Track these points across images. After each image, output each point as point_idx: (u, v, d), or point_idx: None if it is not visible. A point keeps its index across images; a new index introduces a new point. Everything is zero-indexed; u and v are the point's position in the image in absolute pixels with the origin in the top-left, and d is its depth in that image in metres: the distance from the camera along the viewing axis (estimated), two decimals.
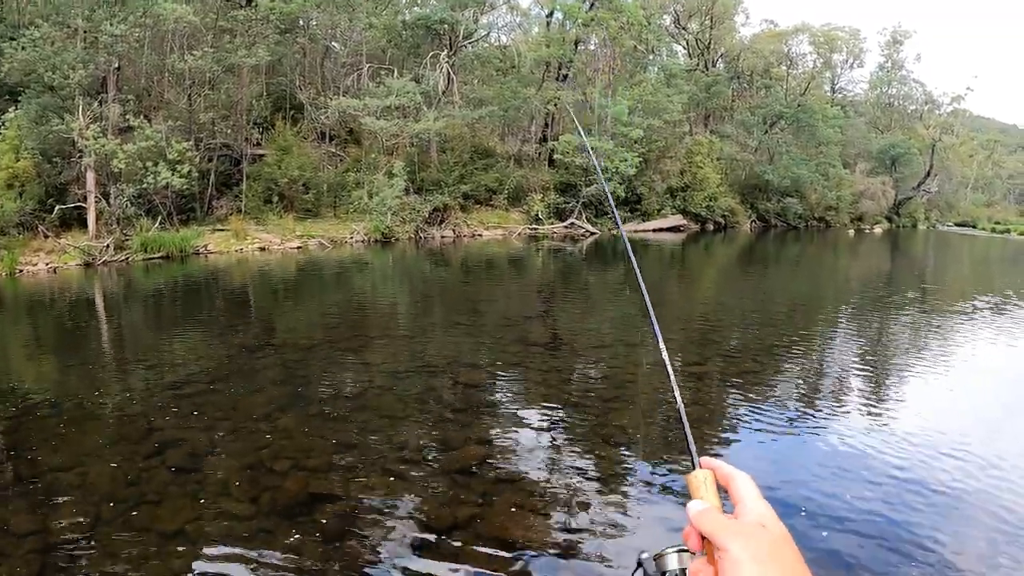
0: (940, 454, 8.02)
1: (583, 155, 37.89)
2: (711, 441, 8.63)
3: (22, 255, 23.42)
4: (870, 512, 6.71)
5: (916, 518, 6.61)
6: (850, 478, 7.45)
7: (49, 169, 25.76)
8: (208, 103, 31.62)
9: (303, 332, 15.12)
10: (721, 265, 30.30)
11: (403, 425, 8.94)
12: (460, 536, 6.33)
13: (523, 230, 38.57)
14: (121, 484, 7.20)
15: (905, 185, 59.33)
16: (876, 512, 6.71)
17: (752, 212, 48.91)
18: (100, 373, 11.76)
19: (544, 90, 41.51)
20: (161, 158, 26.38)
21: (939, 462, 7.82)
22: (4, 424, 9.12)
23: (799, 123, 49.62)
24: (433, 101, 36.94)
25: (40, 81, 24.98)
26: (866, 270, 28.85)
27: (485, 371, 11.73)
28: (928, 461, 7.85)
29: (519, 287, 22.57)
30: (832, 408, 9.79)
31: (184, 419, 9.11)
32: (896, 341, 14.67)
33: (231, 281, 22.92)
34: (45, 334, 15.71)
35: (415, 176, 35.23)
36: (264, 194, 31.95)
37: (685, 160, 45.07)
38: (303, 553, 6.07)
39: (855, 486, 7.26)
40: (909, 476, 7.46)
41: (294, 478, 7.35)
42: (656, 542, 3.43)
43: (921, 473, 7.55)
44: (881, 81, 66.66)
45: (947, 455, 8.00)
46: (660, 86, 44.02)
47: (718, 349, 13.58)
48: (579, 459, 7.92)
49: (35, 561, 5.86)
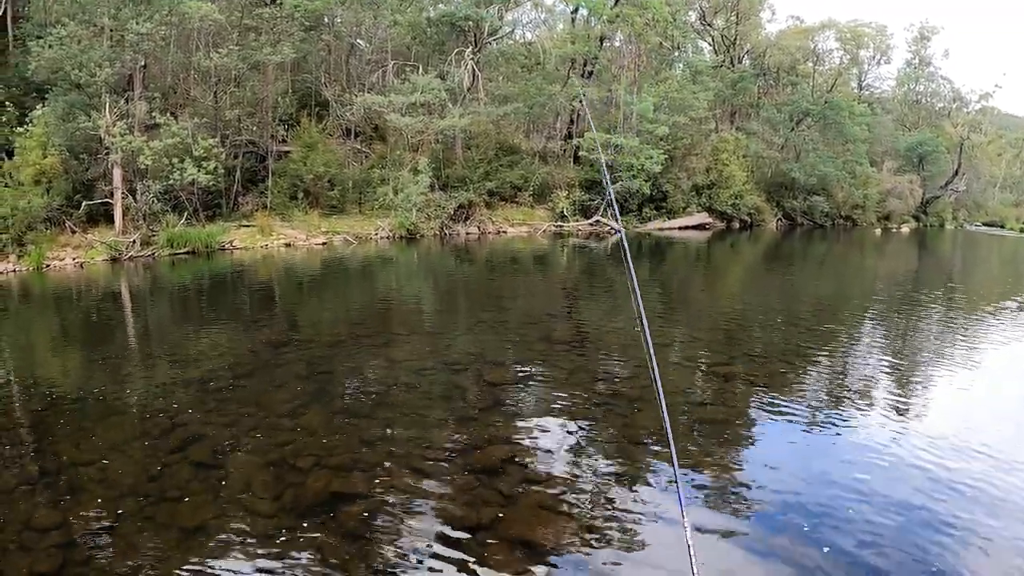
0: (967, 456, 7.81)
1: (608, 152, 37.66)
2: (738, 441, 8.48)
3: (49, 250, 23.58)
4: (897, 515, 6.54)
5: (943, 521, 6.44)
6: (877, 480, 7.27)
7: (76, 165, 25.92)
8: (234, 100, 31.69)
9: (328, 328, 15.08)
10: (747, 263, 29.98)
11: (428, 423, 8.84)
12: (484, 537, 6.22)
13: (548, 227, 38.35)
14: (143, 479, 7.16)
15: (932, 184, 58.47)
16: (903, 515, 6.54)
17: (778, 210, 48.35)
18: (124, 367, 11.76)
19: (569, 87, 41.20)
20: (187, 155, 26.48)
21: (966, 464, 7.61)
22: (28, 418, 9.14)
23: (826, 120, 48.98)
24: (458, 98, 36.83)
25: (67, 79, 25.13)
26: (893, 270, 28.42)
27: (510, 369, 11.61)
28: (955, 463, 7.65)
29: (544, 284, 22.43)
30: (859, 409, 9.55)
31: (207, 415, 9.07)
32: (923, 342, 14.36)
33: (256, 277, 22.96)
34: (71, 328, 15.78)
35: (440, 173, 35.13)
36: (290, 190, 32.00)
37: (711, 157, 44.59)
38: (325, 552, 5.99)
39: (882, 488, 7.08)
40: (936, 479, 7.28)
41: (317, 476, 7.27)
42: (682, 548, 3.25)
43: (948, 475, 7.35)
44: (908, 78, 65.71)
45: (974, 457, 7.80)
46: (686, 83, 43.60)
47: (744, 349, 13.36)
48: (605, 460, 7.78)
49: (57, 556, 5.82)
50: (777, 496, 7.02)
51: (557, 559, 5.91)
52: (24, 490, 6.96)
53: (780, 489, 7.17)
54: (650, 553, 6.04)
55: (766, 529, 6.40)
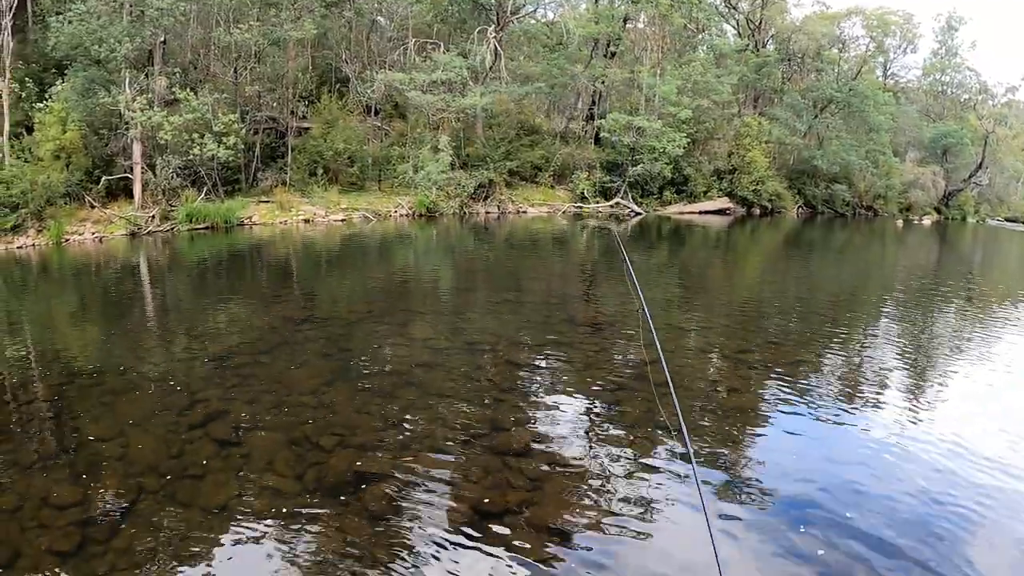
0: (980, 455, 7.56)
1: (630, 135, 37.26)
2: (748, 428, 8.32)
3: (69, 225, 23.60)
4: (905, 509, 6.40)
5: (959, 514, 6.29)
6: (887, 473, 7.10)
7: (96, 141, 25.92)
8: (254, 76, 31.55)
9: (347, 305, 14.97)
10: (767, 250, 29.61)
11: (450, 404, 8.70)
12: (509, 521, 6.09)
13: (568, 208, 38.10)
14: (163, 456, 7.06)
15: (955, 176, 57.42)
16: (911, 509, 6.39)
17: (799, 198, 47.71)
18: (144, 342, 11.69)
19: (592, 67, 40.84)
20: (207, 130, 26.44)
21: (978, 462, 7.39)
22: (48, 392, 9.07)
23: (850, 108, 48.15)
24: (480, 76, 36.53)
25: (87, 55, 25.09)
26: (913, 262, 27.90)
27: (533, 350, 11.45)
28: (967, 461, 7.43)
29: (564, 265, 22.24)
30: (873, 403, 9.30)
31: (228, 391, 8.98)
32: (941, 336, 13.97)
33: (275, 252, 22.90)
34: (90, 302, 15.76)
35: (460, 151, 34.92)
36: (309, 167, 31.88)
37: (733, 142, 44.04)
38: (348, 532, 5.87)
39: (892, 482, 6.92)
40: (946, 475, 7.10)
41: (340, 455, 7.15)
42: (704, 535, 3.00)
43: (959, 472, 7.17)
44: (934, 68, 64.34)
45: (987, 457, 7.57)
46: (709, 66, 43.05)
47: (763, 336, 13.09)
48: (631, 447, 7.60)
49: (75, 534, 5.72)
50: (794, 484, 6.89)
51: (581, 545, 5.76)
52: (43, 466, 6.87)
53: (797, 478, 7.04)
54: (673, 541, 5.90)
55: (784, 517, 6.27)
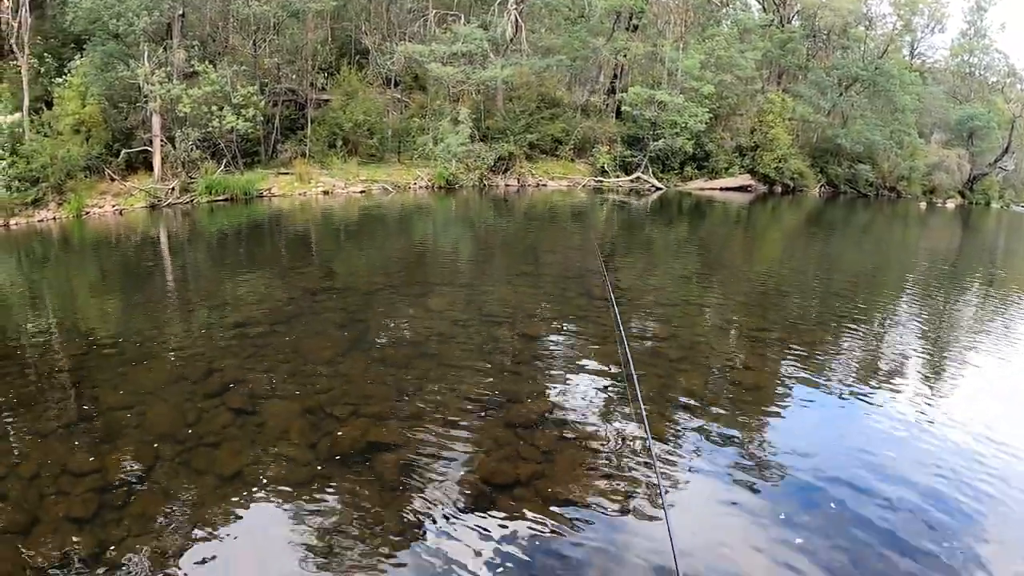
0: (995, 438, 7.49)
1: (652, 109, 36.89)
2: (764, 408, 8.28)
3: (89, 198, 23.71)
4: (913, 492, 6.36)
5: (958, 502, 6.25)
6: (898, 458, 7.04)
7: (115, 114, 25.98)
8: (273, 48, 31.48)
9: (365, 276, 15.00)
10: (788, 229, 29.26)
11: (465, 375, 8.72)
12: (519, 493, 6.11)
13: (588, 182, 37.84)
14: (180, 425, 7.13)
15: (981, 160, 56.18)
16: (919, 493, 6.35)
17: (822, 176, 46.95)
18: (162, 312, 11.79)
19: (614, 40, 40.39)
20: (226, 102, 26.42)
21: (994, 445, 7.34)
22: (68, 362, 9.18)
23: (875, 87, 47.15)
24: (500, 49, 36.25)
25: (105, 29, 25.09)
26: (936, 246, 27.37)
27: (549, 324, 11.45)
28: (982, 443, 7.37)
29: (582, 239, 22.11)
30: (889, 386, 9.16)
31: (245, 360, 9.05)
32: (960, 321, 13.70)
33: (294, 224, 22.97)
34: (110, 274, 15.88)
35: (480, 124, 34.71)
36: (328, 138, 31.84)
37: (756, 119, 43.37)
38: (361, 501, 5.92)
39: (903, 466, 6.87)
40: (961, 457, 7.05)
41: (353, 424, 7.19)
42: (718, 507, 2.97)
43: (973, 454, 7.12)
44: (962, 49, 62.97)
45: (1003, 440, 7.49)
46: (733, 41, 42.35)
47: (780, 315, 12.98)
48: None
49: (92, 500, 5.80)
50: (807, 463, 6.89)
51: (590, 519, 5.77)
52: (62, 434, 6.97)
53: (810, 456, 7.05)
54: (681, 518, 5.89)
55: (795, 496, 6.29)
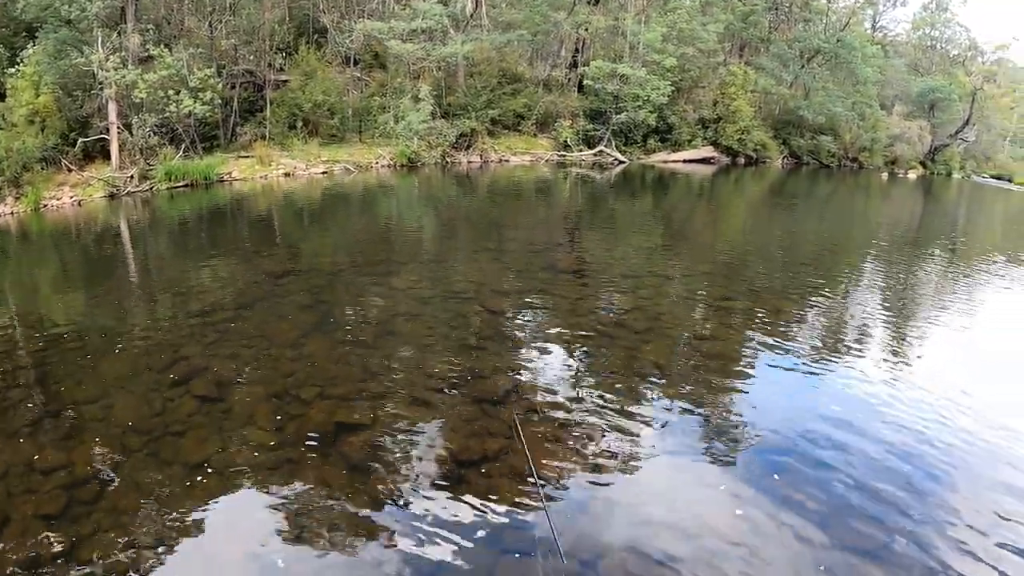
0: (954, 406, 7.72)
1: (614, 83, 36.85)
2: (730, 376, 8.43)
3: (46, 190, 23.25)
4: (876, 459, 6.55)
5: (922, 468, 6.45)
6: (862, 424, 7.23)
7: (70, 103, 25.46)
8: (229, 29, 30.97)
9: (329, 257, 14.96)
10: (751, 200, 29.47)
11: (431, 353, 8.78)
12: (487, 469, 6.21)
13: (551, 157, 37.81)
14: (146, 415, 7.12)
15: (942, 132, 56.88)
16: (882, 459, 6.55)
17: (784, 148, 47.32)
18: (125, 303, 11.69)
19: (575, 14, 40.23)
20: (183, 86, 26.00)
21: (952, 414, 7.54)
22: (30, 358, 9.08)
23: (837, 59, 47.48)
24: (460, 24, 36.02)
25: (57, 15, 24.54)
26: (898, 215, 27.69)
27: (514, 298, 11.52)
28: (941, 413, 7.57)
29: (546, 214, 22.19)
30: (852, 353, 9.42)
31: (209, 347, 9.02)
32: (922, 289, 13.97)
33: (256, 207, 22.77)
34: (71, 266, 15.68)
35: (442, 101, 34.51)
36: (288, 120, 31.45)
37: (718, 91, 43.51)
38: (329, 483, 5.98)
39: (866, 432, 7.06)
40: (920, 426, 7.24)
41: (319, 407, 7.23)
42: (685, 478, 3.10)
43: (932, 424, 7.31)
44: (924, 22, 63.69)
45: (965, 404, 7.76)
46: (695, 13, 42.38)
47: (745, 285, 13.13)
48: (611, 393, 7.71)
49: (61, 497, 5.81)
50: (771, 431, 7.05)
51: (558, 493, 5.88)
52: (28, 431, 6.93)
53: (775, 425, 7.20)
54: (647, 489, 6.05)
55: (759, 463, 6.45)
